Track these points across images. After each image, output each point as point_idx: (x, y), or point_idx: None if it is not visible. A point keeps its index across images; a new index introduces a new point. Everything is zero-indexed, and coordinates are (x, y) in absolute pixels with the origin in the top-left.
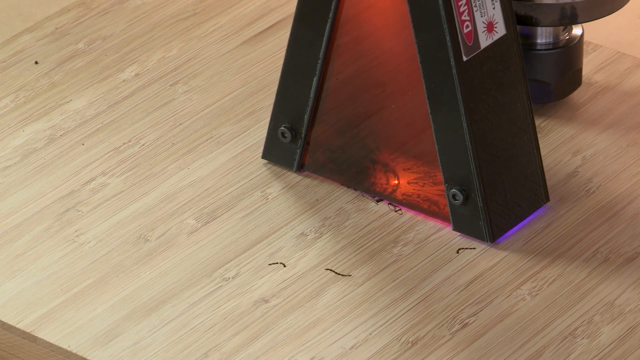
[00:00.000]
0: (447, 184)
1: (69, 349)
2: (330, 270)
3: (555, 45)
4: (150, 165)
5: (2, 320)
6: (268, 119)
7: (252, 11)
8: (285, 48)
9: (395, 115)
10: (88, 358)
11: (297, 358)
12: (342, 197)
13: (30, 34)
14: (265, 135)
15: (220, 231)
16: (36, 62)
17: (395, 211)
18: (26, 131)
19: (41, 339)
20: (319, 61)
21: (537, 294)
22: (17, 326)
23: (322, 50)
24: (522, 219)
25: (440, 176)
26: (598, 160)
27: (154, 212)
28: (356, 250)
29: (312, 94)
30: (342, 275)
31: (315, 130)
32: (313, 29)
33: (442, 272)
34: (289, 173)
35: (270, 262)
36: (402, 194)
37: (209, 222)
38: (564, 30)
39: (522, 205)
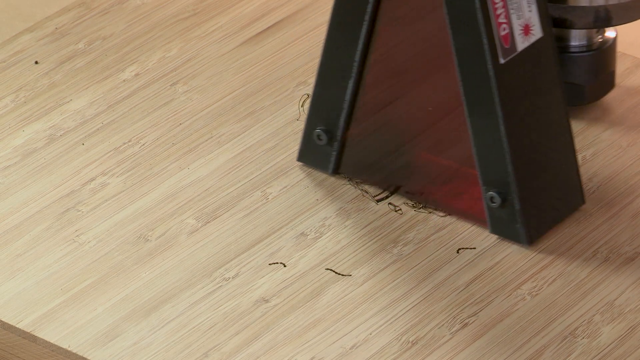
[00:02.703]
0: (484, 187)
1: (69, 349)
2: (331, 270)
3: (588, 47)
4: (150, 165)
5: (2, 320)
6: (268, 119)
7: (252, 11)
8: (322, 50)
9: (432, 118)
10: (88, 358)
11: (297, 358)
12: (342, 197)
13: (30, 34)
14: (264, 135)
15: (221, 231)
16: (36, 62)
17: (396, 211)
18: (26, 131)
19: (41, 339)
20: (355, 64)
21: (537, 294)
22: (17, 326)
23: (358, 53)
24: (558, 221)
25: (477, 179)
26: (598, 160)
27: (154, 212)
28: (356, 250)
29: (347, 97)
30: (342, 275)
31: (351, 132)
32: (349, 32)
33: (442, 272)
34: (289, 173)
35: (271, 262)
36: (439, 197)
37: (209, 222)
38: (597, 32)
39: (559, 208)
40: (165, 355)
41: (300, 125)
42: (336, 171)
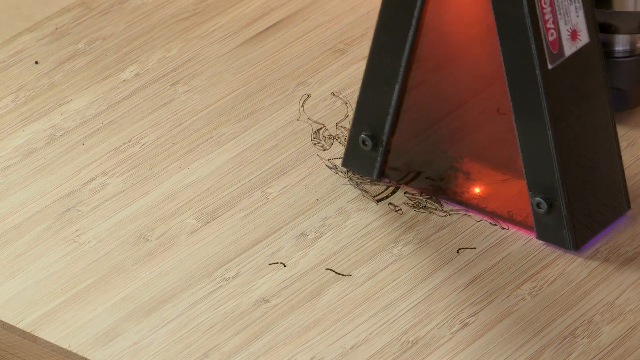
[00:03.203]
0: (531, 192)
1: (69, 349)
2: (331, 270)
3: (632, 52)
4: (150, 165)
5: (2, 320)
6: (268, 119)
7: (252, 11)
8: (368, 55)
9: (477, 123)
10: (88, 358)
11: (297, 358)
12: (342, 197)
13: (30, 34)
14: (264, 135)
15: (221, 231)
16: (36, 62)
17: (396, 211)
18: (26, 131)
19: (41, 339)
20: (401, 68)
21: (537, 294)
22: (17, 326)
23: (405, 57)
24: (604, 227)
25: (522, 184)
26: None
27: (154, 212)
28: (356, 250)
29: (393, 102)
30: (343, 275)
31: (396, 137)
32: (396, 36)
33: (442, 272)
34: (289, 173)
35: (271, 262)
36: (484, 203)
37: (209, 222)
38: None
39: (605, 213)
40: (165, 355)
41: (301, 125)
42: (381, 176)
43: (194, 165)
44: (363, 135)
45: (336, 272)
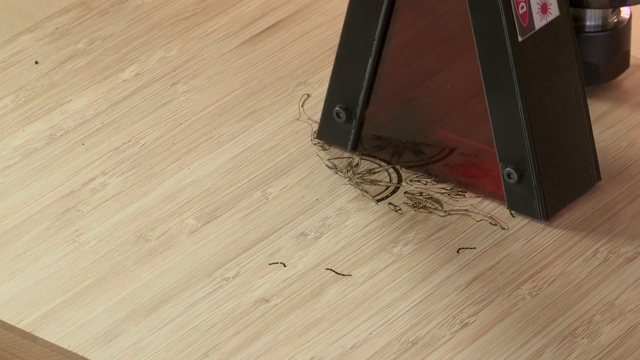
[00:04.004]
0: (502, 163)
1: (69, 349)
2: (331, 270)
3: (604, 27)
4: (150, 165)
5: (2, 320)
6: (268, 119)
7: (252, 11)
8: (342, 29)
9: (450, 95)
10: (88, 358)
11: (297, 358)
12: (342, 197)
13: (30, 34)
14: (263, 135)
15: (221, 231)
16: (36, 62)
17: (396, 211)
18: (26, 131)
19: (41, 339)
20: (374, 42)
21: (537, 294)
22: (17, 326)
23: (377, 31)
24: (575, 198)
25: (495, 155)
26: (598, 160)
27: (154, 212)
28: (356, 250)
29: (367, 75)
30: (342, 275)
31: (370, 110)
32: (368, 11)
33: (442, 272)
34: (289, 173)
35: (271, 262)
36: (457, 174)
37: (209, 222)
38: (612, 12)
39: (575, 185)
40: (165, 355)
41: (300, 125)
42: (355, 148)
43: (193, 165)
44: (337, 108)
45: (336, 272)
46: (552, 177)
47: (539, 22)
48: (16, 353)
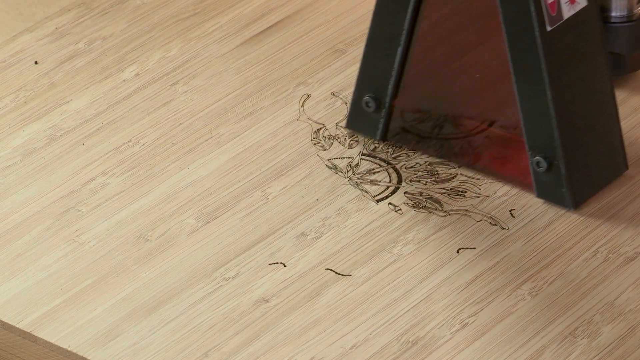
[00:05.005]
0: (530, 152)
1: (69, 349)
2: (331, 270)
3: (629, 18)
4: (150, 165)
5: (2, 320)
6: (268, 119)
7: (252, 11)
8: (371, 19)
9: (480, 85)
10: (88, 358)
11: (297, 358)
12: (342, 197)
13: (30, 34)
14: (263, 135)
15: (221, 231)
16: (36, 62)
17: (396, 211)
18: (26, 131)
19: (41, 339)
20: (404, 32)
21: (537, 294)
22: (17, 326)
23: (407, 21)
24: (602, 187)
25: (523, 144)
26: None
27: (154, 212)
28: (356, 250)
29: (396, 64)
30: (342, 275)
31: (399, 99)
32: (397, 0)
33: (442, 272)
34: (289, 173)
35: (271, 262)
36: (485, 162)
37: (209, 222)
38: (637, 3)
39: (603, 174)
40: (165, 356)
41: (300, 125)
42: (384, 138)
43: (193, 165)
44: (366, 98)
45: (336, 272)
46: (580, 165)
47: (567, 11)
48: (16, 353)
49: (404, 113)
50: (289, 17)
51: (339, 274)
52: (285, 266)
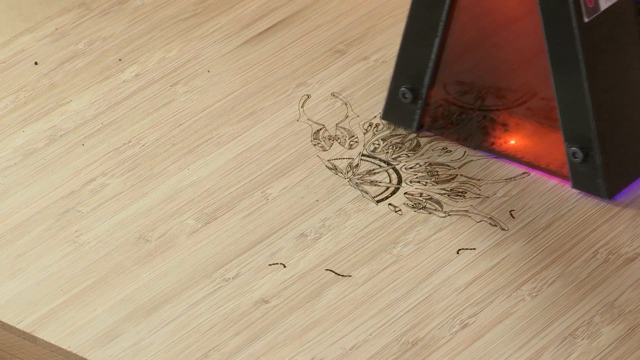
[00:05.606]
0: (567, 143)
1: (69, 350)
2: (330, 270)
3: None
4: (150, 166)
5: (2, 320)
6: (268, 119)
7: (252, 12)
8: (409, 10)
9: (516, 76)
10: (88, 359)
11: (297, 358)
12: (342, 197)
13: (30, 34)
14: (264, 136)
15: (221, 231)
16: (36, 63)
17: (396, 212)
18: (26, 131)
19: (41, 340)
20: (441, 22)
21: (537, 294)
22: (17, 326)
23: (445, 12)
24: (637, 177)
25: (558, 135)
26: None
27: (154, 213)
28: (356, 251)
29: (433, 56)
30: (342, 275)
31: (436, 91)
32: None
33: (442, 272)
34: (289, 173)
35: (271, 263)
36: (520, 153)
37: (209, 223)
38: None
39: (638, 164)
40: (165, 356)
41: (301, 125)
42: (420, 129)
43: (194, 165)
44: (403, 89)
45: (336, 273)
46: (616, 156)
47: (604, 3)
48: (16, 354)
49: (440, 105)
50: (289, 17)
51: (339, 274)
52: (285, 267)
